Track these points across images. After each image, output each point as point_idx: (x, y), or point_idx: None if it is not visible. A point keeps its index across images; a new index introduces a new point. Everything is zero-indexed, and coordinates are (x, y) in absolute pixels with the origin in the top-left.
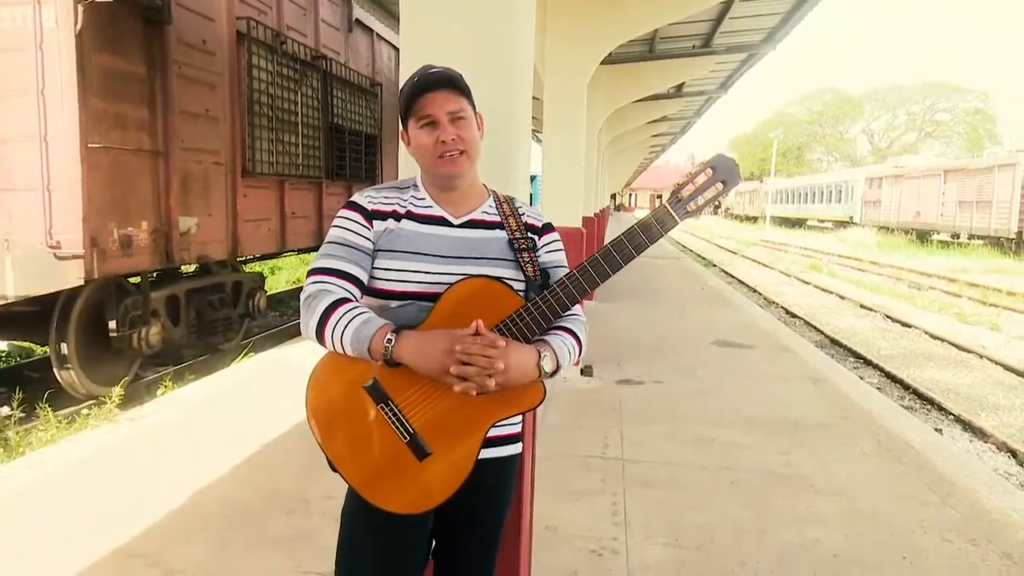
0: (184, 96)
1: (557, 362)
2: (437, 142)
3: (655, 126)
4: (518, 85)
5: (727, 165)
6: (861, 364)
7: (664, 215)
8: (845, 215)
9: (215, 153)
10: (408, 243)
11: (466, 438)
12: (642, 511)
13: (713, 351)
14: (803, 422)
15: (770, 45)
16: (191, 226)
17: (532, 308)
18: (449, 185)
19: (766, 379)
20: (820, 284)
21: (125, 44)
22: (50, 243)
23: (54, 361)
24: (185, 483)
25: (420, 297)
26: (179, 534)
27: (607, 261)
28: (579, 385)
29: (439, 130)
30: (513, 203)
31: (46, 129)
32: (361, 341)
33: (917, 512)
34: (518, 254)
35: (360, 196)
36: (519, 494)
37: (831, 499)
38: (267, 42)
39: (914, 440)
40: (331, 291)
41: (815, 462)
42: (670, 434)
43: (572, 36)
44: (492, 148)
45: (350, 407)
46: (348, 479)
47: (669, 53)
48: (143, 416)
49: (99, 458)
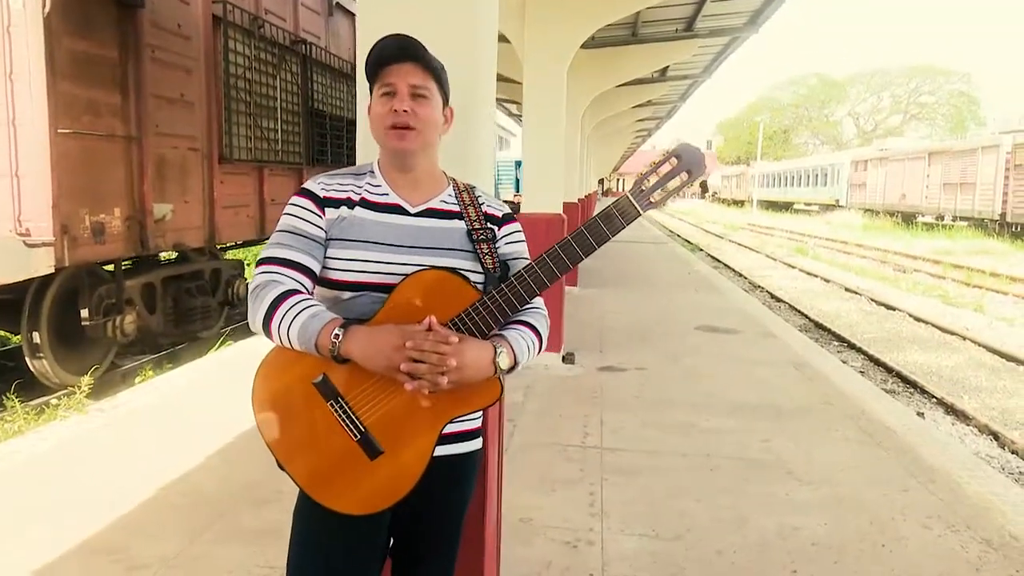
0: (158, 81)
1: (515, 358)
2: (390, 112)
3: (640, 111)
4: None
5: (692, 154)
6: (845, 348)
7: (626, 206)
8: (831, 198)
9: (191, 139)
10: (362, 232)
11: (420, 436)
12: (620, 501)
13: (697, 336)
14: (785, 407)
15: (752, 28)
16: (166, 213)
17: (489, 302)
18: (403, 165)
19: (750, 364)
20: (806, 268)
21: (96, 28)
22: (19, 230)
23: (26, 350)
24: (154, 474)
25: (374, 288)
26: (145, 527)
27: (567, 253)
28: (560, 372)
29: (395, 100)
30: (473, 192)
31: (14, 114)
32: (308, 336)
33: (897, 498)
34: (476, 245)
35: (313, 182)
36: (483, 489)
37: (811, 486)
38: (244, 26)
39: (895, 425)
40: (280, 282)
41: (796, 448)
42: (651, 422)
43: (552, 19)
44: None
45: (298, 403)
46: (296, 479)
47: (652, 37)
48: (115, 406)
49: (66, 449)
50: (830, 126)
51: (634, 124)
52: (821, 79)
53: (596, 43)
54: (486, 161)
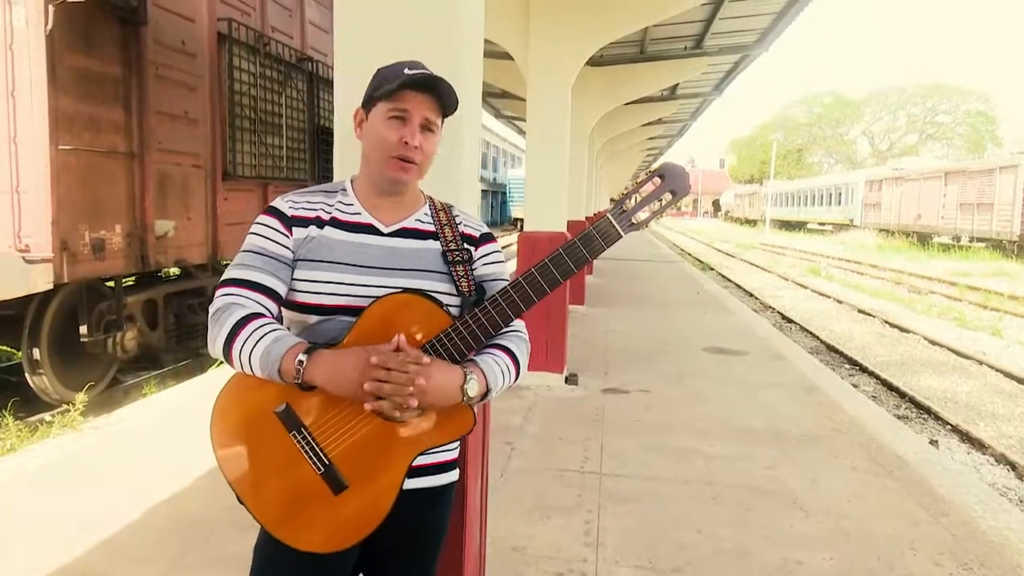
0: (161, 98)
1: (487, 385)
2: (400, 141)
3: (651, 128)
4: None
5: (676, 174)
6: (857, 371)
7: (607, 227)
8: (845, 218)
9: (194, 156)
10: (331, 252)
11: (387, 470)
12: (616, 530)
13: (704, 358)
14: (792, 434)
15: (762, 46)
16: (168, 229)
17: (462, 327)
18: (391, 191)
19: (757, 388)
20: (818, 288)
21: (99, 45)
22: (19, 246)
23: (26, 366)
24: (141, 495)
25: (343, 312)
26: (128, 551)
27: (544, 276)
28: (562, 394)
29: (407, 129)
30: (451, 211)
31: (15, 131)
32: (271, 362)
33: (907, 532)
34: (451, 267)
35: (281, 200)
36: (462, 522)
37: (817, 518)
38: (250, 43)
39: (907, 453)
40: (242, 305)
41: (802, 477)
42: (653, 446)
43: (555, 36)
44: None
45: (259, 434)
46: (255, 514)
47: (661, 55)
48: (109, 424)
49: (56, 468)
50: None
51: (645, 142)
52: (836, 98)
53: (604, 61)
54: (468, 180)
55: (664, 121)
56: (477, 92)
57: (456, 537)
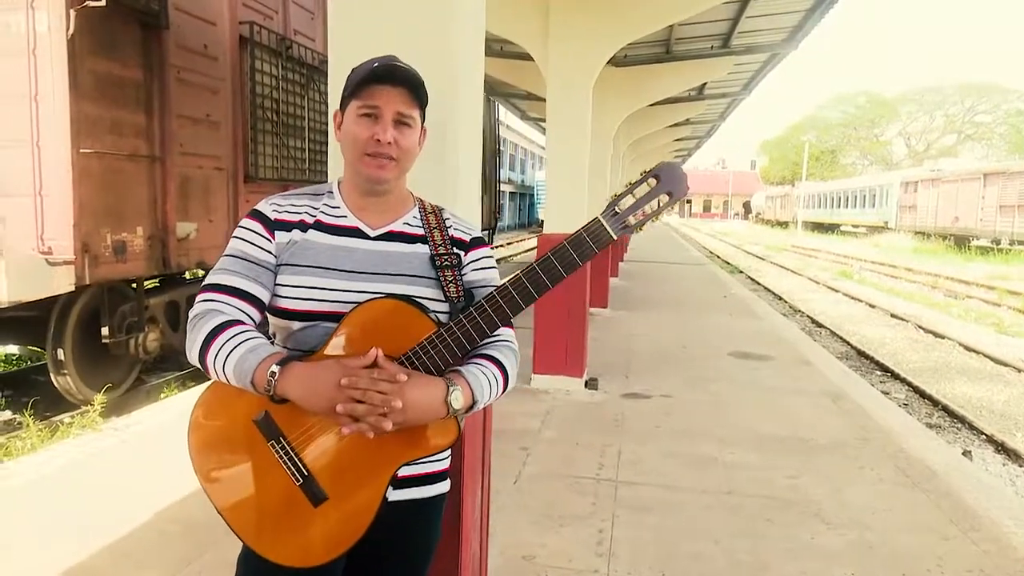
0: (183, 101)
1: (472, 397)
2: (372, 138)
3: (678, 130)
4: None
5: (673, 174)
6: (888, 378)
7: (598, 230)
8: (880, 220)
9: (216, 158)
10: (315, 257)
11: (368, 483)
12: (630, 540)
13: (729, 363)
14: (816, 442)
15: (791, 44)
16: (190, 232)
17: (446, 334)
18: (372, 191)
19: (782, 394)
20: (850, 292)
21: (120, 49)
22: (42, 249)
23: (51, 367)
24: (151, 498)
25: (326, 318)
26: (133, 554)
27: (532, 281)
28: (582, 398)
29: (378, 126)
30: (441, 214)
31: (38, 134)
32: (244, 373)
33: (935, 547)
34: (440, 272)
35: (265, 203)
36: (458, 533)
37: (840, 530)
38: (272, 46)
39: (937, 464)
40: (220, 311)
41: (825, 487)
42: (672, 453)
43: (575, 35)
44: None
45: (237, 443)
46: (233, 526)
47: (686, 54)
48: (127, 425)
49: (72, 470)
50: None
51: (672, 143)
52: (870, 97)
53: (628, 61)
54: (465, 183)
55: (692, 122)
56: (477, 91)
57: (451, 548)
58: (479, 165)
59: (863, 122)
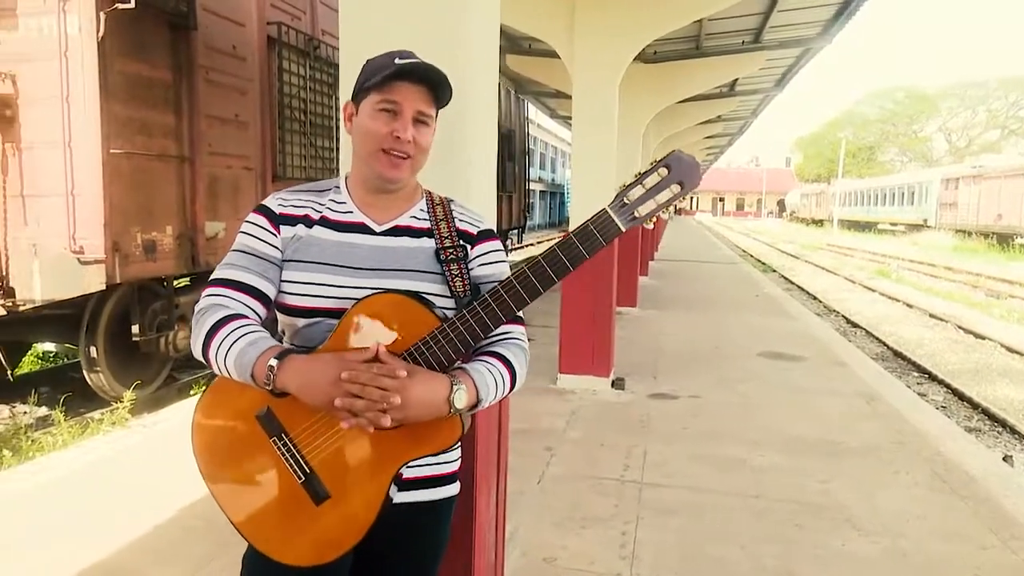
0: (212, 101)
1: (477, 395)
2: (391, 135)
3: (709, 127)
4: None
5: (685, 164)
6: (925, 379)
7: (605, 222)
8: (919, 218)
9: (245, 158)
10: (320, 252)
11: (370, 481)
12: (654, 543)
13: (759, 363)
14: (849, 445)
15: (825, 39)
16: (219, 231)
17: (449, 329)
18: (381, 188)
19: (814, 395)
20: (887, 291)
21: (149, 50)
22: (73, 248)
23: (84, 364)
24: (177, 494)
25: (331, 314)
26: (158, 550)
27: (537, 275)
28: (608, 398)
29: (398, 123)
30: (449, 206)
31: (70, 135)
32: (244, 366)
33: (972, 556)
34: (445, 266)
35: (271, 198)
36: (470, 536)
37: (872, 537)
38: (300, 47)
39: (976, 469)
40: (224, 306)
41: (857, 492)
42: (699, 455)
43: (602, 31)
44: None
45: (240, 439)
46: (235, 523)
47: (717, 50)
48: (155, 422)
49: (101, 466)
50: (919, 142)
51: (703, 141)
52: (909, 93)
53: (657, 57)
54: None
55: (723, 119)
56: (491, 86)
57: (464, 551)
58: (494, 162)
59: (901, 118)
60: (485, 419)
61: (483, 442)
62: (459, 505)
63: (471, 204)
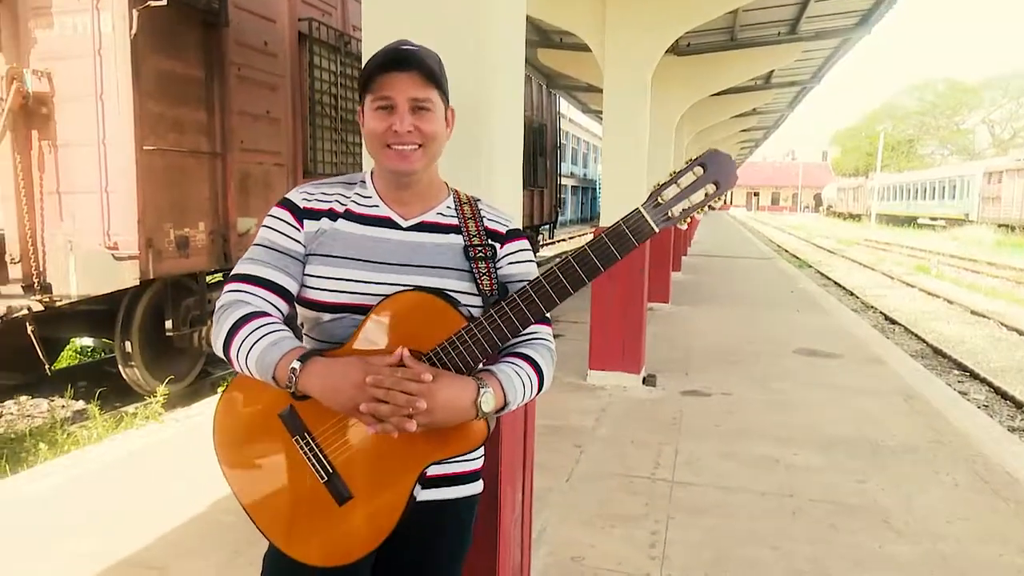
0: (243, 98)
1: (504, 398)
2: (389, 130)
3: (743, 120)
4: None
5: (721, 163)
6: (966, 378)
7: (638, 222)
8: (960, 212)
9: (276, 154)
10: (344, 247)
11: (394, 482)
12: (684, 543)
13: (794, 360)
14: (886, 444)
15: (864, 29)
16: (250, 227)
17: (476, 330)
18: (399, 183)
19: (850, 393)
20: (927, 287)
21: (181, 47)
22: (108, 244)
23: (119, 359)
24: (207, 488)
25: (355, 310)
26: (188, 543)
27: (568, 276)
28: (639, 395)
29: (394, 117)
30: (476, 204)
31: (104, 133)
32: (266, 367)
33: (1015, 560)
34: (473, 264)
35: (295, 192)
36: (495, 535)
37: (910, 539)
38: (330, 43)
39: (1019, 470)
40: (246, 302)
41: (895, 492)
42: (731, 453)
43: (634, 24)
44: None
45: (262, 438)
46: (257, 522)
47: (752, 41)
48: (188, 416)
49: (134, 459)
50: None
51: (738, 134)
52: (950, 84)
53: (691, 50)
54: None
55: (758, 112)
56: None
57: (488, 550)
58: (519, 157)
59: (942, 110)
60: (510, 416)
61: (508, 439)
62: (483, 503)
63: (495, 202)
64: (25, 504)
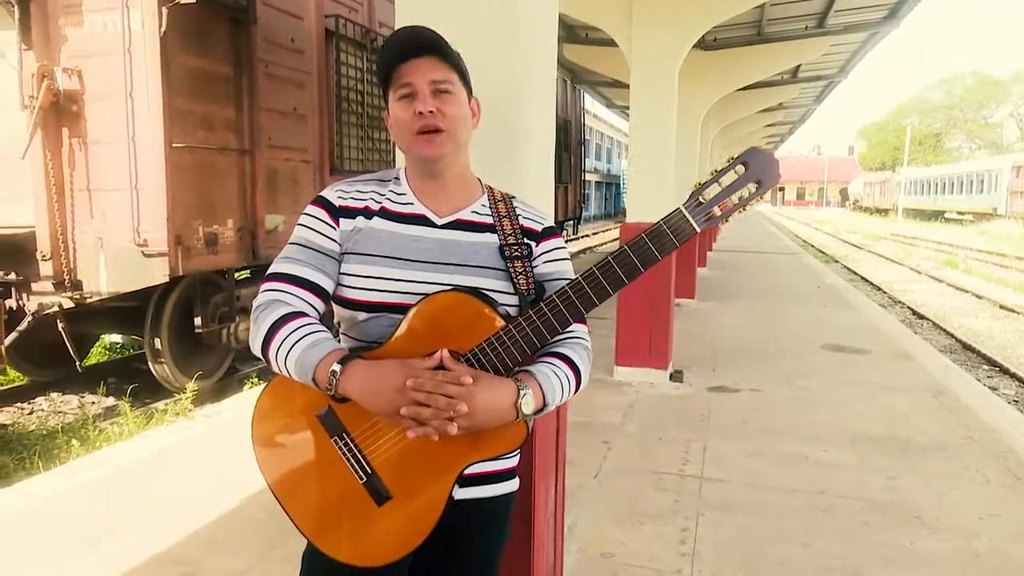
0: (271, 95)
1: (544, 400)
2: (415, 115)
3: (770, 115)
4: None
5: (763, 161)
6: (996, 373)
7: (679, 222)
8: (988, 207)
9: (303, 151)
10: (379, 245)
11: (433, 482)
12: (715, 540)
13: (822, 356)
14: (916, 441)
15: (893, 23)
16: (278, 224)
17: (515, 331)
18: (430, 171)
19: (879, 389)
20: (955, 282)
21: (210, 44)
22: (137, 241)
23: (148, 355)
24: (239, 485)
25: (392, 309)
26: (220, 540)
27: (607, 276)
28: (666, 391)
29: (417, 101)
30: (511, 202)
31: (134, 130)
32: (305, 369)
33: None
34: (509, 263)
35: (330, 190)
36: (529, 533)
37: (942, 536)
38: (357, 39)
39: None
40: (284, 302)
41: (926, 489)
42: (760, 450)
43: (660, 18)
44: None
45: (301, 438)
46: (296, 522)
47: (779, 36)
48: (218, 412)
49: (165, 455)
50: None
51: (764, 129)
52: (978, 78)
53: (717, 44)
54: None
55: (785, 106)
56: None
57: (523, 548)
58: (551, 154)
59: (970, 104)
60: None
61: (542, 437)
62: (519, 501)
63: (529, 199)
64: (59, 501)
